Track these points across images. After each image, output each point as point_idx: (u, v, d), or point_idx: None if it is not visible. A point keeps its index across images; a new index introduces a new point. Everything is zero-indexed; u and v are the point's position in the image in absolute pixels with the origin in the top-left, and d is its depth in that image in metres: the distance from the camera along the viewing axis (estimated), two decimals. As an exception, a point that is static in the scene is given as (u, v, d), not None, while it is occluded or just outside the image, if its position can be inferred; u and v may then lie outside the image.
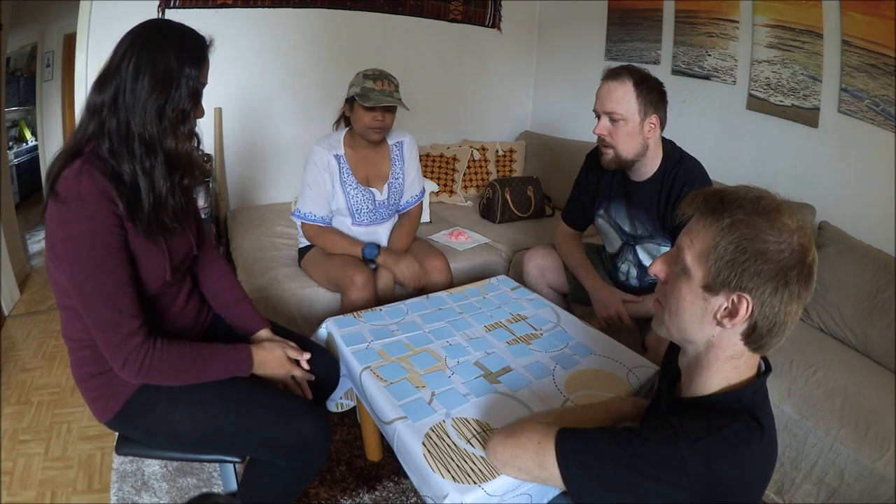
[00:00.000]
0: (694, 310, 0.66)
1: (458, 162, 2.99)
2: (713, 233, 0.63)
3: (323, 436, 1.08)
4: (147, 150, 0.89)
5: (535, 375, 1.21)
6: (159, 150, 0.90)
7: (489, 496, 0.90)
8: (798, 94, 1.99)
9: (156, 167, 0.90)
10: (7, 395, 1.84)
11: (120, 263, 0.90)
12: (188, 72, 0.88)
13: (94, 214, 0.85)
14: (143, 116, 0.87)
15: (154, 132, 0.88)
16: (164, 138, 0.89)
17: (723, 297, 0.64)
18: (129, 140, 0.87)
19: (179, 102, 0.89)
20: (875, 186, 1.79)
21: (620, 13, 2.71)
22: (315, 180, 1.76)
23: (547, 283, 1.78)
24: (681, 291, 0.67)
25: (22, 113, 4.66)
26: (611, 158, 1.46)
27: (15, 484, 1.47)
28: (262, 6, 2.46)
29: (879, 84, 1.73)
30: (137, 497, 1.41)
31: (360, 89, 1.66)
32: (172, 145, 0.91)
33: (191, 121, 0.94)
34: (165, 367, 0.95)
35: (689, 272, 0.66)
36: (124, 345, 0.90)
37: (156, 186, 0.91)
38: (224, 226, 2.57)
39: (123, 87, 0.86)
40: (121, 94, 0.86)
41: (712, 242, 0.63)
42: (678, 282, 0.68)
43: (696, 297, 0.66)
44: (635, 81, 1.37)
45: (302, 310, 1.86)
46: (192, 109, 0.92)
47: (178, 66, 0.87)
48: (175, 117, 0.89)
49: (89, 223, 0.85)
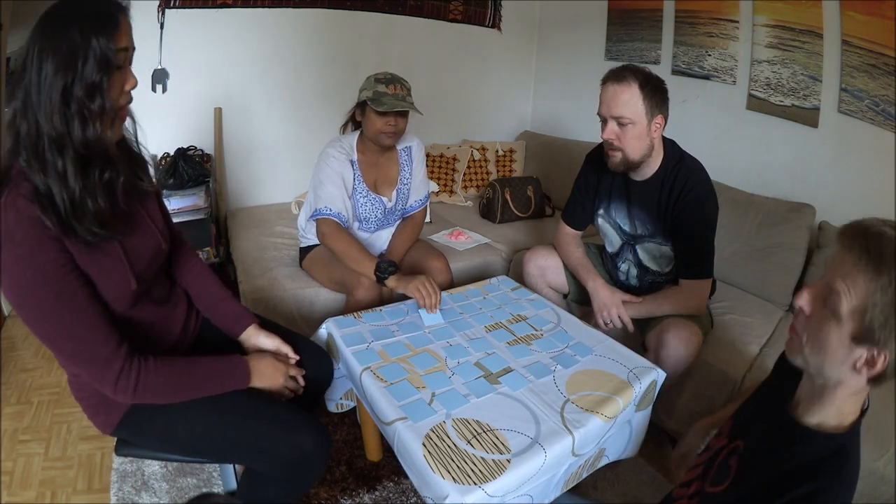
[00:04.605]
0: (837, 354, 0.68)
1: (458, 162, 2.99)
2: (872, 289, 0.63)
3: (323, 448, 1.05)
4: (57, 149, 0.78)
5: (536, 376, 1.21)
6: (68, 145, 0.78)
7: (489, 497, 0.90)
8: (798, 94, 1.99)
9: (67, 167, 0.78)
10: (7, 395, 1.84)
11: (74, 289, 0.82)
12: (94, 42, 0.76)
13: (29, 252, 0.78)
14: (48, 108, 0.76)
15: (60, 124, 0.77)
16: (73, 127, 0.78)
17: (865, 349, 0.65)
18: (39, 144, 0.77)
19: (87, 76, 0.77)
20: (875, 186, 1.79)
21: (620, 13, 2.71)
22: (330, 178, 1.70)
23: (547, 283, 1.78)
24: (829, 334, 0.68)
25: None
26: (619, 161, 1.45)
27: (15, 484, 1.47)
28: (262, 6, 2.45)
29: (879, 84, 1.73)
30: (137, 497, 1.41)
31: (373, 94, 1.61)
32: (81, 134, 0.78)
33: (105, 95, 0.80)
34: (159, 387, 0.92)
35: (840, 319, 0.66)
36: (107, 372, 0.86)
37: (69, 188, 0.79)
38: (224, 226, 2.57)
39: (29, 83, 0.76)
40: (29, 94, 0.76)
41: (870, 300, 0.63)
42: (827, 323, 0.68)
43: (842, 344, 0.67)
44: (640, 83, 1.37)
45: (302, 310, 1.86)
46: (103, 80, 0.78)
47: (81, 38, 0.76)
48: (84, 95, 0.77)
49: (26, 263, 0.78)
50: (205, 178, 2.32)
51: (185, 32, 2.29)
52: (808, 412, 0.74)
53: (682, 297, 1.51)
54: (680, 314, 1.48)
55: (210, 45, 2.36)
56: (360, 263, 1.59)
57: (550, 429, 1.04)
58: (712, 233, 1.47)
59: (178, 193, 2.22)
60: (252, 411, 1.03)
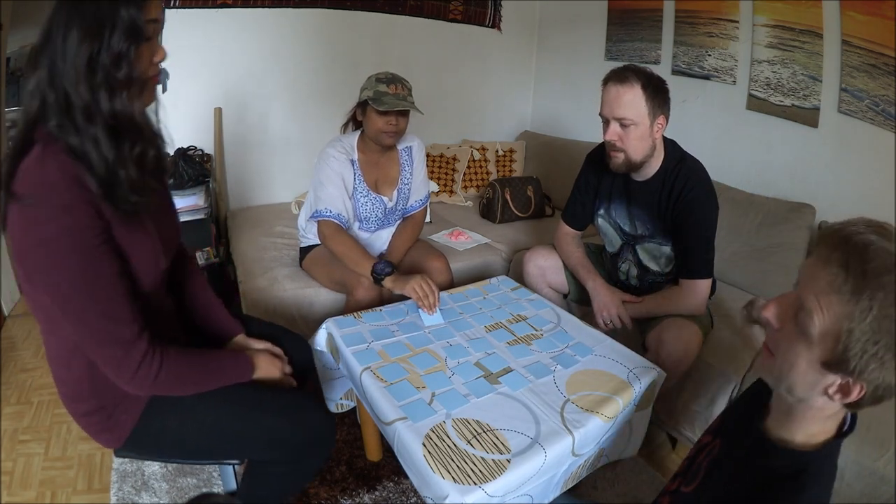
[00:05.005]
0: (807, 378, 0.61)
1: (458, 162, 2.99)
2: (848, 312, 0.55)
3: (330, 426, 1.10)
4: (87, 118, 0.76)
5: (536, 376, 1.21)
6: (97, 115, 0.77)
7: (489, 497, 0.90)
8: (798, 94, 1.99)
9: (99, 135, 0.77)
10: (7, 395, 1.84)
11: (107, 262, 0.78)
12: (123, 12, 0.75)
13: (69, 207, 0.73)
14: (73, 77, 0.74)
15: (86, 93, 0.75)
16: (100, 97, 0.76)
17: (839, 376, 0.59)
18: (70, 112, 0.75)
19: (114, 46, 0.75)
20: (875, 186, 1.79)
21: (620, 13, 2.71)
22: (330, 179, 1.71)
23: (547, 283, 1.78)
24: (797, 355, 0.61)
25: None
26: (621, 162, 1.45)
27: (15, 484, 1.47)
28: (262, 6, 2.45)
29: (879, 84, 1.73)
30: (137, 497, 1.41)
31: (374, 93, 1.62)
32: (108, 104, 0.77)
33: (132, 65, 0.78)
34: (178, 378, 0.89)
35: (811, 340, 0.59)
36: (128, 356, 0.82)
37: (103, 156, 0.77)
38: (224, 226, 2.57)
39: (54, 52, 0.74)
40: (55, 63, 0.74)
41: (846, 325, 0.56)
42: (796, 343, 0.61)
43: (812, 367, 0.60)
44: (643, 84, 1.37)
45: (302, 310, 1.86)
46: (131, 50, 0.76)
47: (109, 8, 0.74)
48: (111, 64, 0.75)
49: (64, 219, 0.73)
50: (205, 178, 2.31)
51: (185, 32, 2.28)
52: (776, 425, 0.69)
53: (682, 297, 1.51)
54: (680, 314, 1.48)
55: (210, 45, 2.36)
56: (359, 265, 1.61)
57: (550, 429, 1.04)
58: (712, 233, 1.47)
59: (178, 193, 2.21)
60: (258, 402, 1.04)
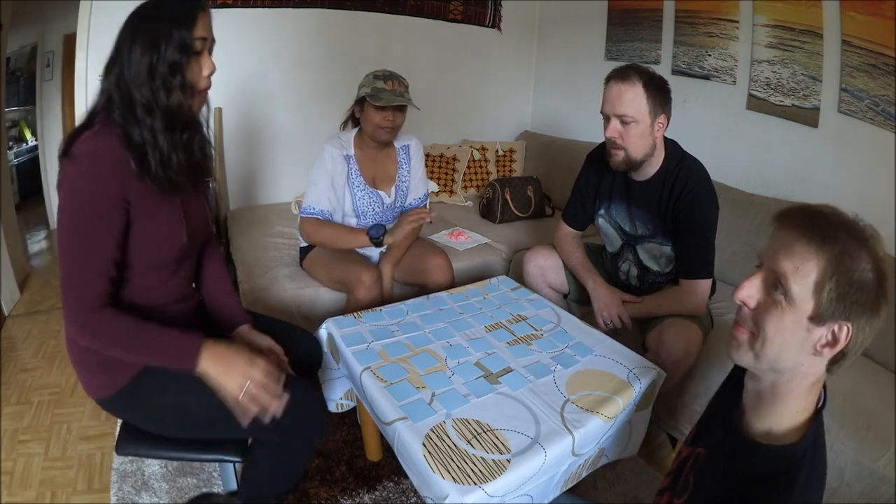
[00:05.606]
0: (794, 340, 0.64)
1: (458, 162, 2.99)
2: (824, 262, 0.60)
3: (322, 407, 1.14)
4: (147, 112, 0.94)
5: (536, 376, 1.21)
6: (156, 109, 0.94)
7: (489, 497, 0.90)
8: (798, 94, 1.99)
9: (156, 127, 0.95)
10: (7, 395, 1.84)
11: (104, 229, 0.92)
12: (175, 32, 0.93)
13: (100, 173, 0.90)
14: (137, 81, 0.92)
15: (148, 93, 0.93)
16: (158, 95, 0.94)
17: (826, 327, 0.62)
18: (133, 107, 0.94)
19: (169, 57, 0.93)
20: (875, 186, 1.79)
21: (620, 13, 2.71)
22: (321, 177, 1.75)
23: (547, 283, 1.78)
24: (783, 321, 0.64)
25: (22, 113, 4.65)
26: (621, 160, 1.45)
27: (15, 484, 1.47)
28: (262, 6, 2.45)
29: (879, 84, 1.73)
30: (137, 497, 1.41)
31: (371, 90, 1.65)
32: (165, 100, 0.94)
33: (184, 73, 0.96)
34: (110, 337, 0.95)
35: (794, 302, 0.63)
36: (79, 302, 0.92)
37: (158, 144, 0.95)
38: (224, 226, 2.57)
39: (122, 62, 0.93)
40: (122, 71, 0.93)
41: (825, 274, 0.60)
42: (778, 310, 0.64)
43: (800, 327, 0.63)
44: (644, 82, 1.37)
45: (302, 310, 1.86)
46: (182, 60, 0.95)
47: (165, 29, 0.92)
48: (166, 72, 0.93)
49: (93, 181, 0.90)
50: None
51: (185, 32, 2.29)
52: (755, 420, 0.70)
53: (682, 297, 1.51)
54: (680, 314, 1.48)
55: (210, 45, 2.37)
56: (353, 239, 1.70)
57: (550, 429, 1.04)
58: (712, 233, 1.47)
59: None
60: None
